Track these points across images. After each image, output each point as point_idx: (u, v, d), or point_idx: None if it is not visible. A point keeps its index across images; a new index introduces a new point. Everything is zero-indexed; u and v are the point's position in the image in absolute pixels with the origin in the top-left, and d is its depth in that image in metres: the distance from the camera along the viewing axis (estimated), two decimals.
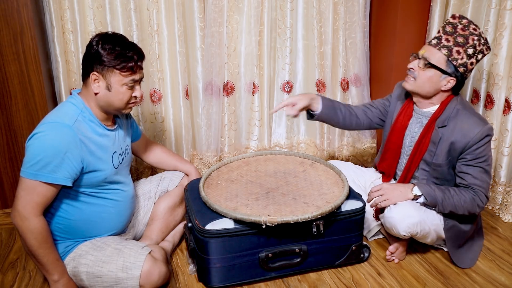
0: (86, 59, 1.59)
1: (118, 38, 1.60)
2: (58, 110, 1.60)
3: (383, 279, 1.80)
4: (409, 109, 1.93)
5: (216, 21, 2.38)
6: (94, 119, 1.62)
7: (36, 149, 1.47)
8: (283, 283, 1.78)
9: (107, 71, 1.56)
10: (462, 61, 1.74)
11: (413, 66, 1.81)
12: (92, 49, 1.56)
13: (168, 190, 1.99)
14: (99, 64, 1.55)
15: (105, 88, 1.58)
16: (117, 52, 1.55)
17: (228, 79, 2.54)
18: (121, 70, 1.56)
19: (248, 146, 2.70)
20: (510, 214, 2.22)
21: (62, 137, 1.49)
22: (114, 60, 1.54)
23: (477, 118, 1.76)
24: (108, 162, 1.64)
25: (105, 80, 1.57)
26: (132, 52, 1.59)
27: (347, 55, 2.70)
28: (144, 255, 1.58)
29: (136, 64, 1.60)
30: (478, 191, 1.74)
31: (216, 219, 1.66)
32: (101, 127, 1.64)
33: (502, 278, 1.81)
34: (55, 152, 1.47)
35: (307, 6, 2.55)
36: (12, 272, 1.84)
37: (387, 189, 1.77)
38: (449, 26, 1.77)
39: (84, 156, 1.54)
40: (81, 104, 1.60)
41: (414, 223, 1.71)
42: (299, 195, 1.80)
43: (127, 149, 1.82)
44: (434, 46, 1.76)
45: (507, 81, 2.14)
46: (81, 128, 1.56)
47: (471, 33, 1.73)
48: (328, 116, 2.01)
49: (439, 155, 1.80)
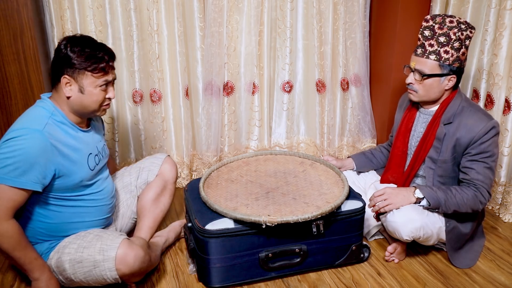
0: (56, 63, 1.56)
1: (87, 40, 1.58)
2: (26, 115, 1.57)
3: (383, 279, 1.80)
4: (412, 112, 1.95)
5: (216, 21, 2.38)
6: (66, 121, 1.59)
7: (5, 155, 1.44)
8: (283, 283, 1.78)
9: (78, 74, 1.53)
10: (453, 58, 1.75)
11: (411, 81, 1.83)
12: (61, 53, 1.54)
13: (148, 181, 1.95)
14: (70, 67, 1.53)
15: (77, 91, 1.55)
16: (87, 54, 1.53)
17: (228, 79, 2.54)
18: (92, 71, 1.54)
19: (248, 146, 2.70)
20: (510, 214, 2.22)
21: (33, 143, 1.46)
22: (85, 62, 1.52)
23: (482, 114, 1.77)
24: (83, 164, 1.62)
25: (77, 83, 1.55)
26: (103, 52, 1.56)
27: (347, 55, 2.70)
28: (120, 239, 1.57)
29: (108, 65, 1.58)
30: (480, 187, 1.74)
31: (216, 219, 1.66)
32: (74, 128, 1.62)
33: (502, 278, 1.81)
34: (24, 158, 1.44)
35: (307, 6, 2.55)
36: (12, 272, 1.84)
37: (391, 193, 1.77)
38: (427, 30, 1.79)
39: (56, 161, 1.52)
40: (51, 107, 1.57)
41: (417, 227, 1.71)
42: (299, 195, 1.80)
43: (104, 149, 1.79)
44: (421, 55, 1.78)
45: (507, 81, 2.14)
46: (52, 132, 1.52)
47: (450, 28, 1.74)
48: (366, 169, 2.19)
49: (444, 152, 1.81)
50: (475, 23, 2.24)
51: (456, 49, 1.74)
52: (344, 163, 2.15)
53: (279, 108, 2.73)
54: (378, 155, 2.20)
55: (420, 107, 1.93)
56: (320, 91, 2.66)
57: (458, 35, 1.73)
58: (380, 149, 2.22)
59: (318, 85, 2.65)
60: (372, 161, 2.18)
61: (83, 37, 1.59)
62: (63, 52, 1.53)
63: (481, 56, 2.25)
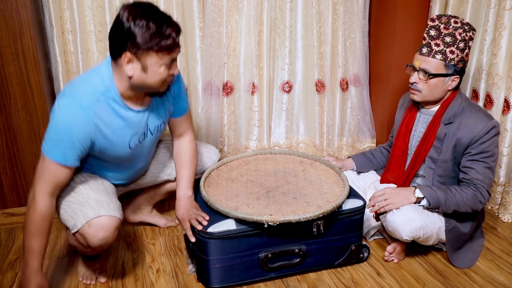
0: (116, 37, 1.39)
1: (151, 10, 1.40)
2: (85, 80, 1.49)
3: (383, 279, 1.80)
4: (413, 112, 1.95)
5: (216, 21, 2.38)
6: (119, 99, 1.50)
7: (51, 127, 1.44)
8: (282, 283, 1.78)
9: (142, 53, 1.39)
10: (458, 58, 1.76)
11: (415, 80, 1.82)
12: (122, 27, 1.36)
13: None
14: (133, 44, 1.37)
15: (140, 70, 1.42)
16: (153, 31, 1.36)
17: (227, 79, 2.54)
18: (158, 51, 1.39)
19: (247, 146, 2.70)
20: (510, 214, 2.22)
21: (76, 121, 1.43)
22: (150, 41, 1.36)
23: (482, 114, 1.78)
24: (122, 145, 1.58)
25: (139, 62, 1.41)
26: (170, 28, 1.39)
27: (346, 55, 2.70)
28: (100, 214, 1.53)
29: (175, 42, 1.42)
30: (480, 186, 1.74)
31: (218, 221, 1.66)
32: (124, 108, 1.52)
33: (501, 278, 1.81)
34: (66, 136, 1.43)
35: (306, 6, 2.55)
36: (11, 272, 1.84)
37: (391, 193, 1.77)
38: (433, 30, 1.79)
39: (96, 139, 1.50)
40: (108, 81, 1.47)
41: (417, 227, 1.71)
42: (300, 194, 1.80)
43: (158, 128, 1.70)
44: (427, 55, 1.78)
45: (506, 81, 2.14)
46: (98, 111, 1.46)
47: (455, 28, 1.75)
48: (365, 169, 2.19)
49: (444, 152, 1.81)
50: (475, 23, 2.24)
51: (461, 49, 1.75)
52: (344, 163, 2.15)
53: (279, 108, 2.73)
54: (378, 155, 2.20)
55: (420, 107, 1.93)
56: (319, 91, 2.66)
57: (463, 36, 1.74)
58: (380, 150, 2.23)
59: (317, 85, 2.65)
60: (372, 162, 2.19)
61: (147, 6, 1.40)
62: (125, 26, 1.36)
63: (480, 56, 2.26)
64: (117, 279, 1.80)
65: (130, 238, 2.09)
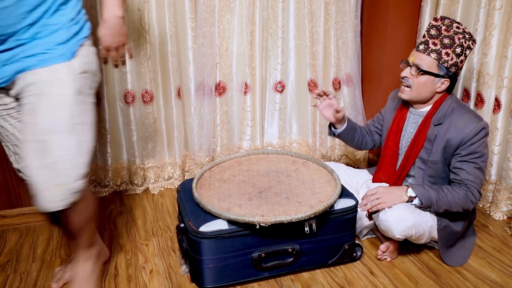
0: None
1: None
2: None
3: (376, 278, 1.81)
4: (403, 112, 1.96)
5: (208, 21, 2.37)
6: None
7: None
8: (276, 283, 1.78)
9: None
10: (452, 62, 1.76)
11: (406, 74, 1.83)
12: None
13: None
14: None
15: None
16: None
17: (220, 79, 2.54)
18: None
19: (240, 146, 2.70)
20: (501, 212, 2.24)
21: None
22: None
23: (472, 115, 1.78)
24: None
25: None
26: None
27: (338, 55, 2.71)
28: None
29: None
30: (471, 187, 1.76)
31: (210, 220, 1.65)
32: None
33: (493, 276, 1.82)
34: None
35: (299, 6, 2.56)
36: (2, 275, 1.82)
37: (383, 192, 1.78)
38: (434, 29, 1.80)
39: None
40: None
41: (409, 226, 1.72)
42: (292, 194, 1.81)
43: None
44: (423, 52, 1.79)
45: (497, 80, 2.15)
46: None
47: (456, 32, 1.76)
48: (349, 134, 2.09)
49: (434, 153, 1.82)
50: (465, 22, 2.26)
51: (457, 54, 1.76)
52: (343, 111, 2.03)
53: (271, 108, 2.73)
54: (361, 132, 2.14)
55: (410, 107, 1.94)
56: (312, 91, 2.66)
57: (462, 42, 1.75)
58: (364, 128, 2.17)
59: (310, 85, 2.66)
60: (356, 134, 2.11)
61: None
62: None
63: (471, 55, 2.27)
64: (110, 280, 1.80)
65: (122, 239, 2.08)
